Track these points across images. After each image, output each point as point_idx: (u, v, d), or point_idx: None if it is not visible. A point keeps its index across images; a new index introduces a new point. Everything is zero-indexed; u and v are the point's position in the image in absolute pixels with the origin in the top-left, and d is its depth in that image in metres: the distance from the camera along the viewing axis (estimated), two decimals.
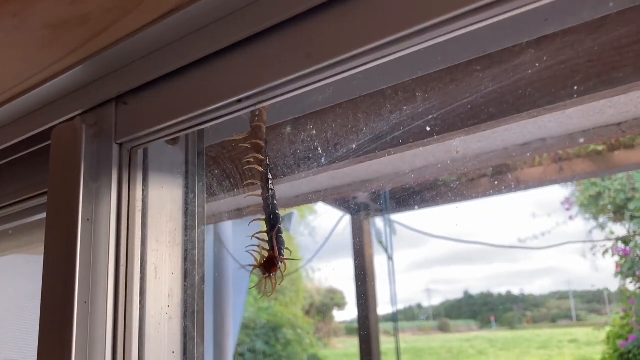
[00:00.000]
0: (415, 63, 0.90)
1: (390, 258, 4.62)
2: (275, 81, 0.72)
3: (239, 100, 0.77)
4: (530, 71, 0.89)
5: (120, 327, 0.86)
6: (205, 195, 1.00)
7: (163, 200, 0.94)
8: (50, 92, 0.93)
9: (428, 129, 1.01)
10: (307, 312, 12.87)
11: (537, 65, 0.90)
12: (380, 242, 4.77)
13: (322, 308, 14.71)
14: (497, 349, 17.55)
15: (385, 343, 5.21)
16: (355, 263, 4.78)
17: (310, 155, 0.97)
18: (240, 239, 4.78)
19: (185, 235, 0.96)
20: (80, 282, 0.85)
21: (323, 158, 0.95)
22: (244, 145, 0.90)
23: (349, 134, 0.94)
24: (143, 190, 0.92)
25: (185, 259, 0.95)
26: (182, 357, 0.92)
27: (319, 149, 0.95)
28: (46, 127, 0.96)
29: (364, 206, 4.67)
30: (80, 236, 0.86)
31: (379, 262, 4.97)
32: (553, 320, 22.70)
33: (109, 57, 0.88)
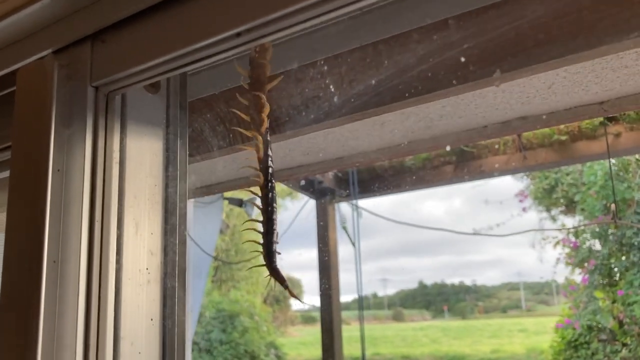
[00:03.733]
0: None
1: (353, 244, 4.59)
2: (282, 10, 0.64)
3: (238, 34, 0.69)
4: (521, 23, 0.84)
5: (95, 290, 0.77)
6: (188, 150, 0.91)
7: (142, 152, 0.85)
8: (16, 27, 0.82)
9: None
10: (265, 301, 12.79)
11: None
12: (345, 228, 4.72)
13: (279, 297, 14.66)
14: (450, 338, 17.90)
15: (345, 331, 5.19)
16: (319, 249, 4.73)
17: (309, 105, 0.89)
18: (202, 221, 4.66)
19: (166, 193, 0.87)
20: (49, 239, 0.75)
21: (326, 107, 0.87)
22: (243, 99, 0.80)
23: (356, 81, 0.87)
24: (121, 140, 0.83)
25: (166, 219, 0.86)
26: (161, 325, 0.83)
27: (323, 95, 0.87)
28: (10, 69, 0.85)
29: (330, 191, 4.61)
30: (51, 188, 0.76)
31: (342, 249, 4.94)
32: (504, 310, 23.35)
33: None
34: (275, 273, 0.82)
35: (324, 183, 4.60)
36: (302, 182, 4.32)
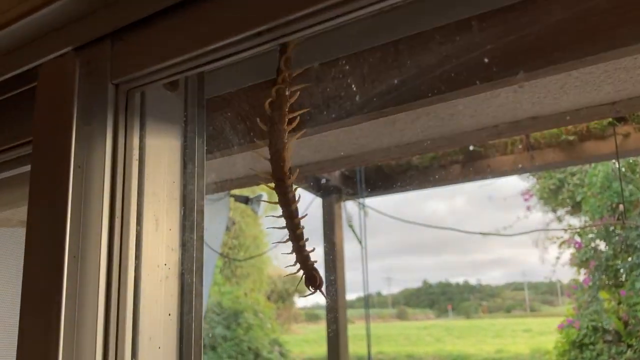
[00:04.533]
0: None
1: (360, 242, 4.59)
2: (303, 10, 0.65)
3: (259, 34, 0.70)
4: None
5: (114, 285, 0.77)
6: (206, 148, 0.92)
7: (161, 150, 0.86)
8: (37, 25, 0.83)
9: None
10: (269, 298, 12.81)
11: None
12: (351, 226, 4.73)
13: (283, 294, 14.68)
14: (453, 337, 17.89)
15: (350, 329, 5.20)
16: (325, 247, 4.74)
17: (332, 103, 0.89)
18: (208, 218, 4.67)
19: (184, 189, 0.88)
20: (70, 235, 0.76)
21: (350, 103, 0.87)
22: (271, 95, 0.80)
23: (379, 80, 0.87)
24: (140, 138, 0.83)
25: (184, 215, 0.87)
26: (178, 320, 0.84)
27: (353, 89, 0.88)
28: (32, 65, 0.86)
29: (336, 189, 4.62)
30: (72, 184, 0.77)
31: (347, 247, 4.94)
32: (508, 310, 23.31)
33: None
34: (313, 275, 0.81)
35: (330, 181, 4.61)
36: (324, 180, 4.30)
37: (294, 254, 0.82)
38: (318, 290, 0.82)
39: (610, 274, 8.78)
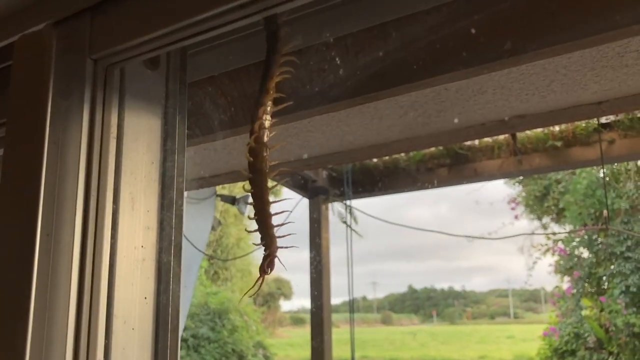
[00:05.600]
0: None
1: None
2: None
3: (241, 6, 0.68)
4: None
5: (88, 266, 0.75)
6: (187, 130, 0.90)
7: (140, 129, 0.84)
8: None
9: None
10: (255, 301, 12.75)
11: None
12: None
13: (268, 297, 14.62)
14: (438, 343, 17.92)
15: (334, 333, 5.17)
16: (311, 250, 4.71)
17: (315, 87, 0.87)
18: (194, 218, 4.62)
19: (164, 167, 0.85)
20: (43, 212, 0.73)
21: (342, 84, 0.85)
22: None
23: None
24: (119, 115, 0.81)
25: (163, 194, 0.85)
26: (154, 305, 0.82)
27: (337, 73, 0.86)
28: (7, 41, 0.83)
29: (323, 190, 4.60)
30: (46, 160, 0.75)
31: (333, 250, 4.91)
32: (492, 316, 23.40)
33: None
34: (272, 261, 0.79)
35: (317, 182, 4.59)
36: (311, 181, 4.26)
37: (262, 236, 0.80)
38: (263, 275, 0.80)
39: (593, 281, 8.85)
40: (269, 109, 0.77)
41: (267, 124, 0.77)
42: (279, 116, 0.83)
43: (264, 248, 0.80)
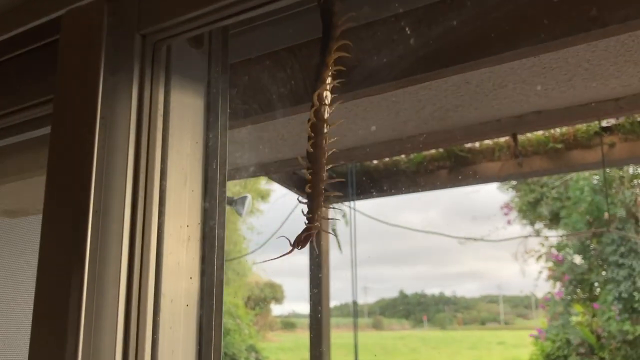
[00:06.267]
0: None
1: (341, 250, 4.55)
2: None
3: None
4: None
5: (138, 244, 0.74)
6: (228, 112, 0.89)
7: (184, 107, 0.83)
8: None
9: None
10: (246, 304, 12.70)
11: None
12: (334, 231, 4.69)
13: (260, 301, 14.56)
14: (429, 348, 17.93)
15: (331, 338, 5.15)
16: (310, 253, 4.69)
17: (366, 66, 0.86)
18: None
19: (207, 149, 0.84)
20: (95, 189, 0.72)
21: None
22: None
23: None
24: (165, 92, 0.80)
25: (206, 176, 0.84)
26: (199, 284, 0.80)
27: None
28: (54, 15, 0.82)
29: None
30: (98, 136, 0.73)
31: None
32: (482, 322, 23.44)
33: None
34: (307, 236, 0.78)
35: None
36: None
37: (309, 205, 0.79)
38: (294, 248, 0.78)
39: (585, 287, 8.91)
40: (328, 85, 0.77)
41: (327, 100, 0.76)
42: (341, 92, 0.82)
43: (306, 221, 0.79)
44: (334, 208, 0.82)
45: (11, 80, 0.98)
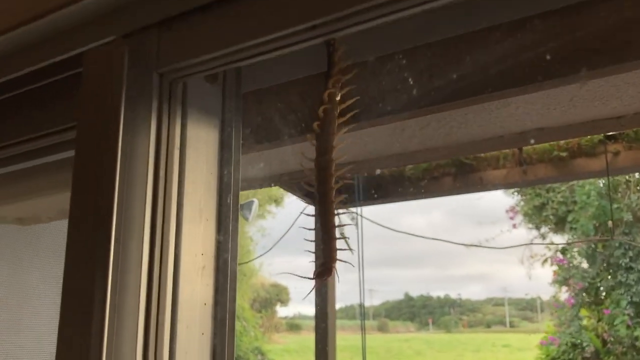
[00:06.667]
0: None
1: (351, 251, 4.60)
2: (353, 7, 0.66)
3: (306, 29, 0.71)
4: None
5: (155, 272, 0.78)
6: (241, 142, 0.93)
7: (200, 140, 0.87)
8: (87, 9, 0.84)
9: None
10: (252, 306, 12.75)
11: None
12: (342, 234, 4.73)
13: (265, 303, 14.60)
14: (434, 351, 17.93)
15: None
16: (315, 256, 4.72)
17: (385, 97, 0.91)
18: None
19: (220, 180, 0.89)
20: (117, 219, 0.76)
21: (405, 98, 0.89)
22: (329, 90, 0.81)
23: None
24: (181, 126, 0.84)
25: (220, 205, 0.88)
26: (213, 310, 0.85)
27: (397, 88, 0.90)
28: (78, 51, 0.86)
29: None
30: (119, 171, 0.78)
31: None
32: (488, 325, 23.40)
33: None
34: (329, 269, 0.83)
35: None
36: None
37: (324, 245, 0.84)
38: (315, 280, 0.84)
39: (591, 292, 8.90)
40: (335, 118, 0.81)
41: (334, 136, 0.81)
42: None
43: (322, 255, 0.83)
44: (343, 213, 0.87)
45: (37, 107, 1.03)
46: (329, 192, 0.81)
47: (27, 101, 1.01)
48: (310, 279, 0.84)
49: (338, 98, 0.82)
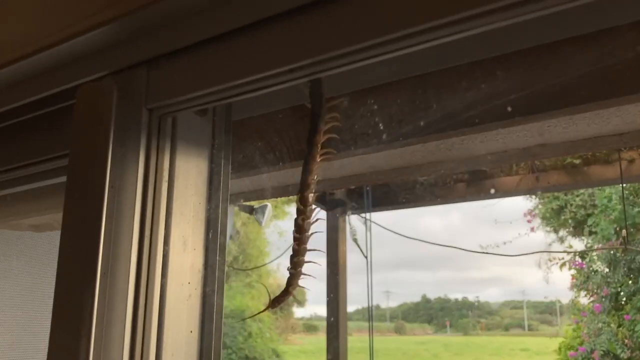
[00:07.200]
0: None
1: (365, 257, 4.62)
2: (337, 50, 0.69)
3: (290, 70, 0.74)
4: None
5: (141, 302, 0.81)
6: (230, 171, 0.96)
7: (189, 172, 0.90)
8: (81, 46, 0.87)
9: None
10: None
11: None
12: (355, 240, 4.76)
13: (282, 304, 14.65)
14: (451, 354, 17.84)
15: (349, 341, 5.21)
16: (328, 260, 4.77)
17: (370, 132, 0.94)
18: None
19: (209, 210, 0.92)
20: (103, 251, 0.80)
21: (384, 135, 0.92)
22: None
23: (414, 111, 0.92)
24: (170, 160, 0.87)
25: (207, 235, 0.91)
26: (199, 337, 0.88)
27: (380, 125, 0.92)
28: (71, 84, 0.90)
29: (341, 203, 4.66)
30: (107, 203, 0.81)
31: (350, 259, 4.97)
32: (506, 328, 23.22)
33: (145, 16, 0.83)
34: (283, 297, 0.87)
35: (335, 195, 4.65)
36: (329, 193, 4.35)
37: (292, 267, 0.88)
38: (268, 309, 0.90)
39: (612, 297, 8.78)
40: (316, 164, 0.84)
41: (310, 201, 0.84)
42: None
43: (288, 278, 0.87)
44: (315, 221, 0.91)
45: (32, 135, 1.07)
46: (304, 216, 0.85)
47: (25, 129, 1.05)
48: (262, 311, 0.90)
49: (322, 136, 0.85)
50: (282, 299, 0.87)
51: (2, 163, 1.07)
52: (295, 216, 0.90)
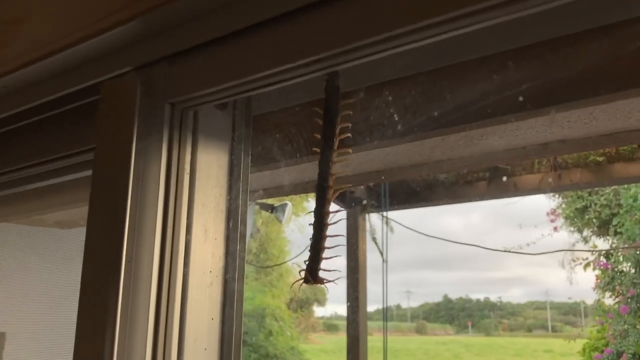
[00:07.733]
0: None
1: (383, 256, 4.63)
2: (354, 43, 0.71)
3: (307, 64, 0.76)
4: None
5: (165, 290, 0.84)
6: (250, 164, 0.98)
7: (210, 165, 0.92)
8: (104, 44, 0.90)
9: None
10: (288, 306, 12.88)
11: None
12: (374, 239, 4.77)
13: (302, 303, 14.72)
14: (472, 354, 17.70)
15: (369, 341, 5.22)
16: (348, 259, 4.78)
17: (385, 123, 0.96)
18: None
19: (229, 201, 0.94)
20: (128, 240, 0.83)
21: (399, 126, 0.94)
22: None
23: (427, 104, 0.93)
24: (192, 153, 0.90)
25: (228, 225, 0.93)
26: (220, 325, 0.90)
27: (395, 117, 0.94)
28: (95, 81, 0.93)
29: (360, 201, 4.66)
30: (131, 194, 0.84)
31: (369, 258, 4.97)
32: (529, 329, 22.95)
33: (167, 12, 0.85)
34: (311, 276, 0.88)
35: (355, 193, 4.66)
36: (349, 192, 4.36)
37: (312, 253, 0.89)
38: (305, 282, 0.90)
39: (639, 298, 8.63)
40: (334, 152, 0.86)
41: (331, 175, 0.86)
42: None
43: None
44: (334, 223, 0.92)
45: (58, 130, 1.11)
46: (325, 203, 0.86)
47: (52, 124, 1.09)
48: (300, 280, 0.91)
49: (338, 129, 0.87)
50: (315, 269, 0.87)
51: (30, 157, 1.12)
52: (314, 207, 0.91)
